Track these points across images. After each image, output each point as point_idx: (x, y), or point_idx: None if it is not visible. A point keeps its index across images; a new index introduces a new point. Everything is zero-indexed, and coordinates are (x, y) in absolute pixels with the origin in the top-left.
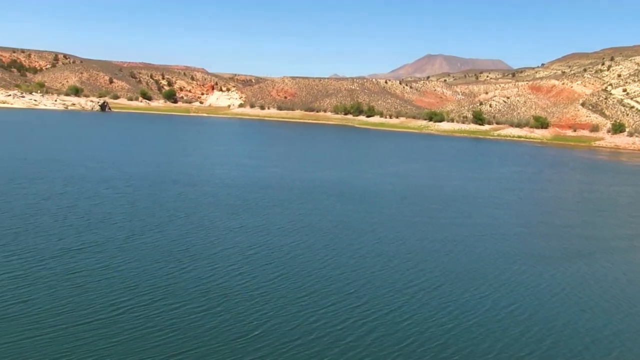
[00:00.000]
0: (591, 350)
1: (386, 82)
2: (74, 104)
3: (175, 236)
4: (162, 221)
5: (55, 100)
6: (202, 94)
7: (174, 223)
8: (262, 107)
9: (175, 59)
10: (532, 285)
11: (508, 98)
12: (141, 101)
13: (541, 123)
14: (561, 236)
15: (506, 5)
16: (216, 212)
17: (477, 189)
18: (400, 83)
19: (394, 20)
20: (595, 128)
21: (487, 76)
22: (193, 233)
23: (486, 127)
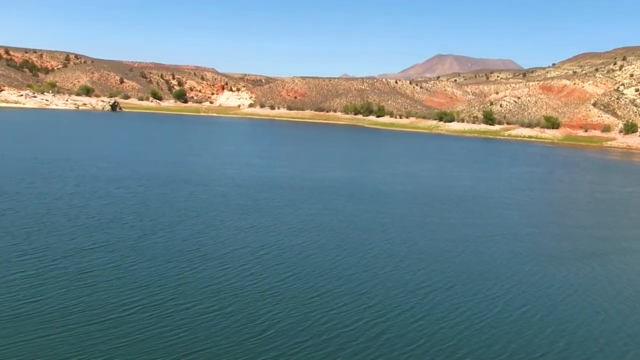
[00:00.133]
0: (606, 352)
1: (396, 82)
2: (85, 104)
3: (186, 236)
4: (173, 221)
5: (66, 100)
6: (212, 94)
7: (185, 223)
8: (272, 107)
9: (185, 59)
10: (545, 286)
11: (519, 98)
12: (152, 101)
13: (552, 123)
14: (573, 237)
15: (517, 5)
16: (227, 212)
17: (488, 189)
18: (410, 83)
19: (404, 20)
20: (607, 128)
21: (498, 76)
22: (204, 233)
23: (496, 127)
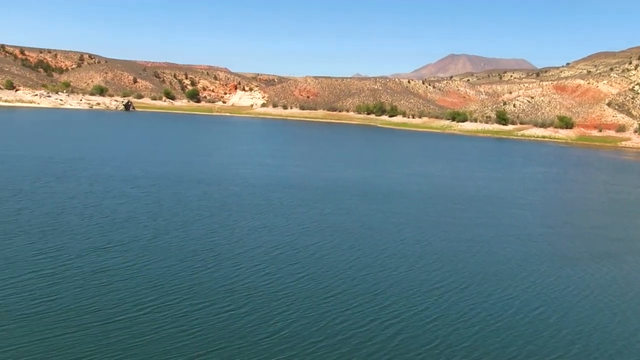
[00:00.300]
0: (623, 355)
1: (409, 82)
2: (99, 104)
3: (200, 235)
4: (187, 220)
5: (80, 99)
6: (225, 94)
7: (199, 222)
8: (285, 107)
9: (198, 59)
10: (561, 287)
11: (532, 98)
12: (165, 101)
13: (566, 123)
14: (588, 237)
15: (530, 4)
16: (240, 212)
17: (501, 189)
18: (423, 83)
19: (417, 19)
20: (621, 128)
21: (511, 76)
22: (218, 232)
23: (510, 127)
